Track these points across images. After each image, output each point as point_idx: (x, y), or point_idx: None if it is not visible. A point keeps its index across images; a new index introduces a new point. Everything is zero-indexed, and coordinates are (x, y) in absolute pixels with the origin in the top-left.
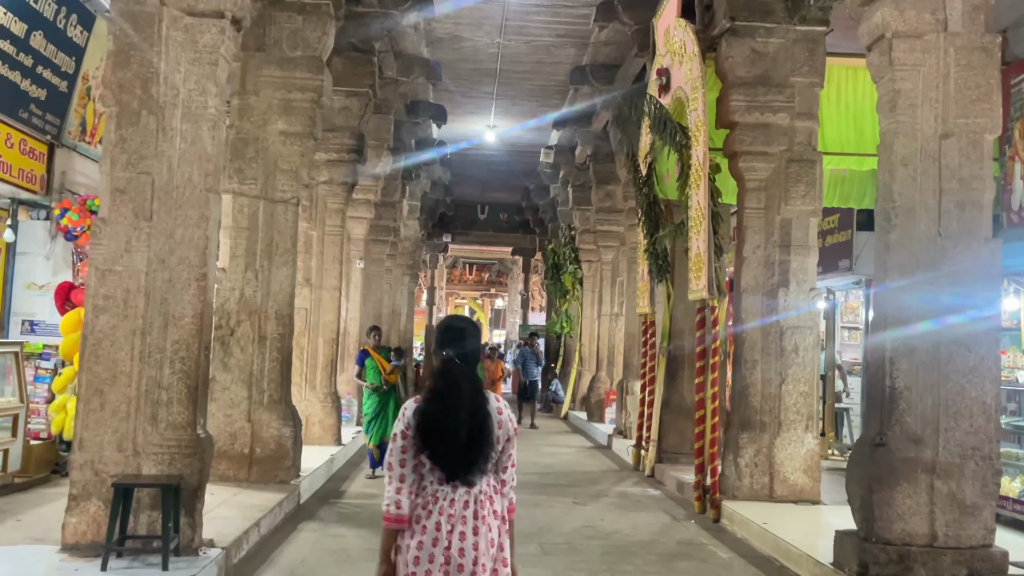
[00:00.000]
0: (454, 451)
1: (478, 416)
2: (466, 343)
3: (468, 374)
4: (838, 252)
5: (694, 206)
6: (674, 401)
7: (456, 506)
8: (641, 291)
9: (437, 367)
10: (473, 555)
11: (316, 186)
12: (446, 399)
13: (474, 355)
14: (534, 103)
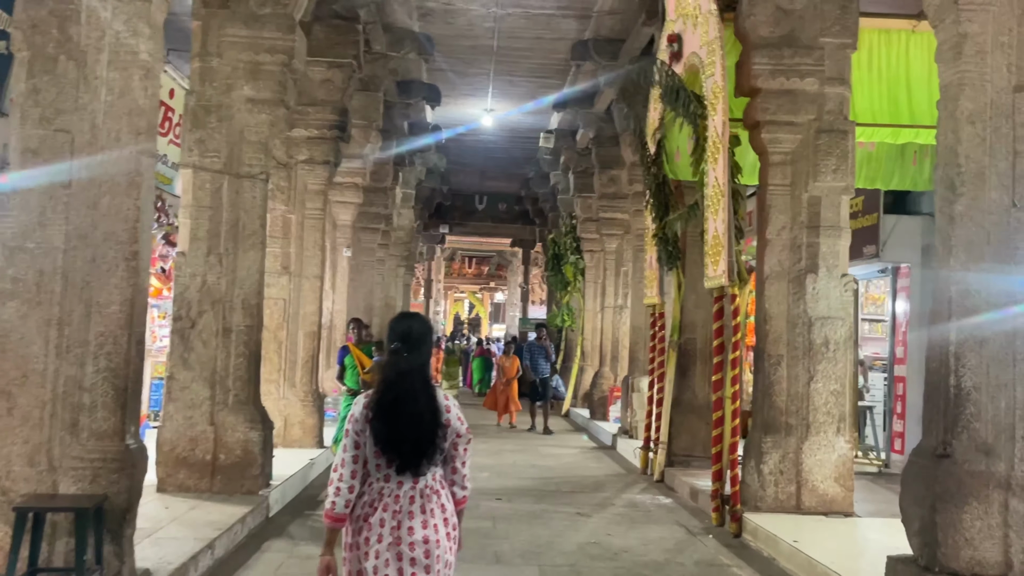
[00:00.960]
0: (406, 440)
1: (429, 405)
2: (413, 336)
3: (417, 366)
4: (863, 237)
5: (711, 183)
6: (686, 399)
7: (402, 501)
8: (649, 280)
9: (386, 360)
10: (424, 548)
11: (295, 165)
12: (397, 389)
13: (421, 348)
14: (533, 84)
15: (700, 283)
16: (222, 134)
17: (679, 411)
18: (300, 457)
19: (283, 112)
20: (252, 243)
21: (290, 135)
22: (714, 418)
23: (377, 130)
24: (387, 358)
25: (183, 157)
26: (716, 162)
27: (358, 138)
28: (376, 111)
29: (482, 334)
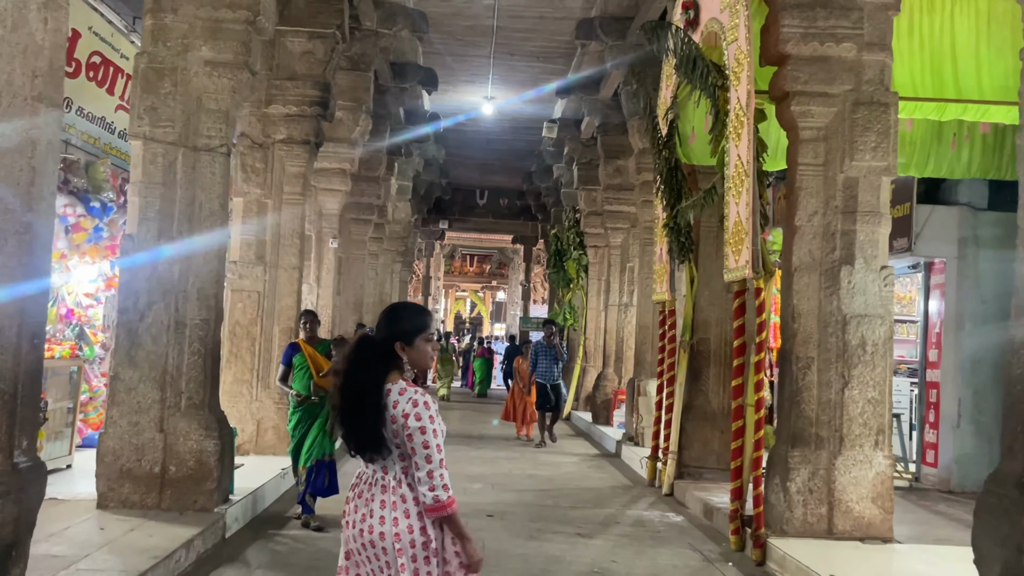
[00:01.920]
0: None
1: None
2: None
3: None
4: (893, 229)
5: (732, 163)
6: (698, 405)
7: (360, 486)
8: (659, 274)
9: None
10: (380, 530)
11: (272, 145)
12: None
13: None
14: (536, 69)
15: (715, 278)
16: (177, 101)
17: (690, 418)
18: (272, 465)
19: (247, 77)
20: (210, 225)
21: (266, 112)
22: (733, 428)
23: (367, 113)
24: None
25: (132, 127)
26: (739, 138)
27: (346, 121)
28: (366, 92)
29: (484, 333)
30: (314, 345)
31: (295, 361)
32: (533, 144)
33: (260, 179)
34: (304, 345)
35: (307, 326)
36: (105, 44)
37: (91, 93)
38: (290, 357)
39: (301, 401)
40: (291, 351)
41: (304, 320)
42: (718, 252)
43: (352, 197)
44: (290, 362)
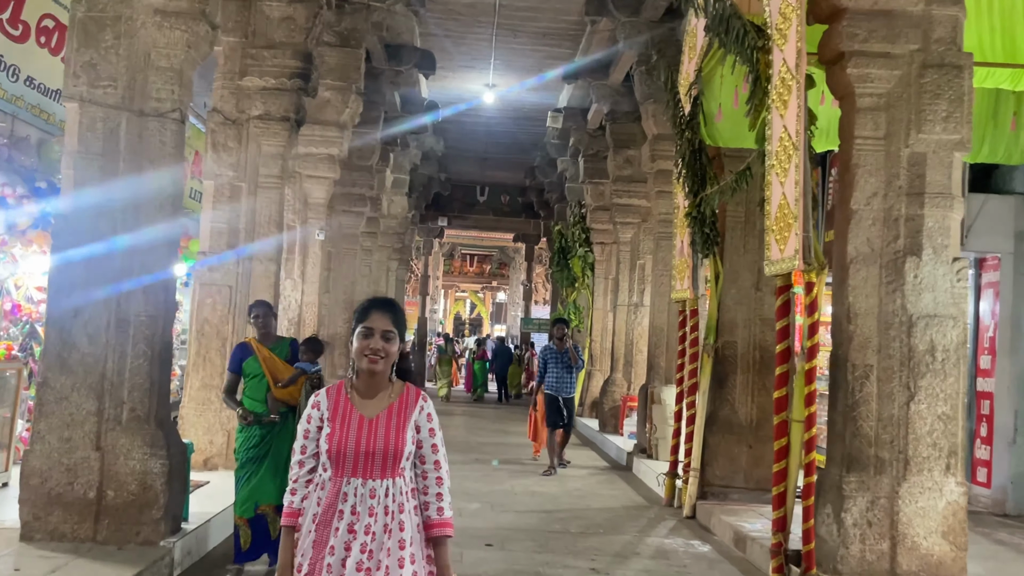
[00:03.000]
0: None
1: None
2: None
3: None
4: None
5: (776, 136)
6: (723, 416)
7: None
8: (679, 270)
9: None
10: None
11: (247, 122)
12: None
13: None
14: (540, 54)
15: (742, 273)
16: (120, 56)
17: (715, 431)
18: None
19: (205, 31)
20: (159, 205)
21: (240, 84)
22: (775, 447)
23: (357, 94)
24: None
25: (66, 86)
26: (785, 106)
27: (334, 102)
28: (356, 71)
29: (483, 334)
30: (270, 345)
31: (246, 367)
32: (536, 136)
33: (233, 159)
34: (257, 346)
35: (258, 320)
36: (58, 6)
37: (43, 61)
38: (239, 362)
39: (253, 421)
40: (240, 354)
41: (255, 313)
42: (746, 245)
43: (342, 187)
44: (239, 368)
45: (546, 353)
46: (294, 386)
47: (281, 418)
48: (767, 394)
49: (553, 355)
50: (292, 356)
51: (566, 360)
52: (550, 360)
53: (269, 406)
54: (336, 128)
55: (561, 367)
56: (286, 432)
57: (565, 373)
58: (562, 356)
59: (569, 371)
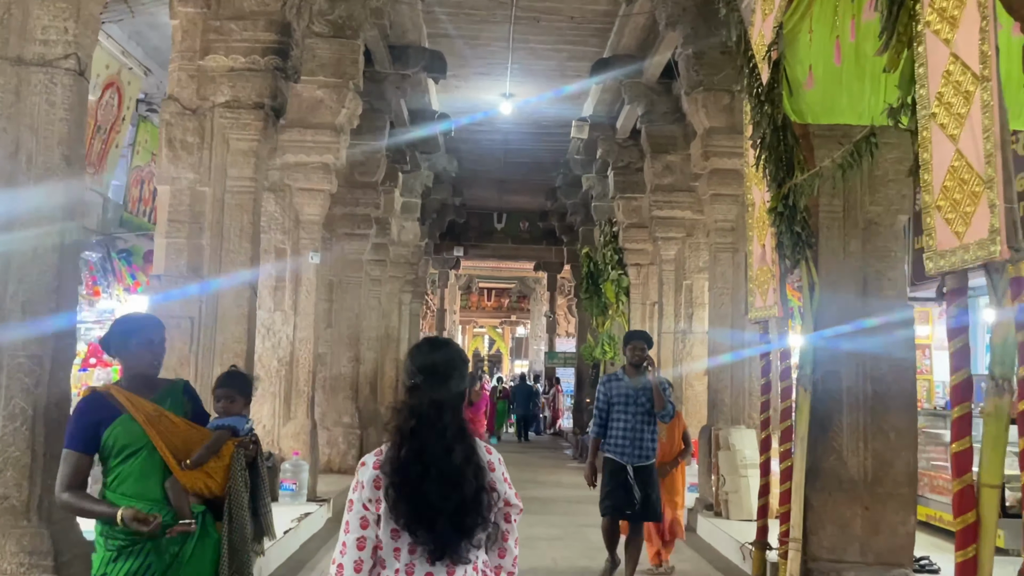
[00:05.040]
0: (442, 512)
1: (469, 460)
2: (440, 367)
3: (451, 409)
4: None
5: (934, 71)
6: (828, 469)
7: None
8: (759, 282)
9: (407, 400)
10: None
11: (211, 111)
12: (422, 438)
13: (449, 382)
14: (563, 55)
15: (844, 282)
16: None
17: (819, 488)
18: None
19: None
20: (49, 193)
21: (203, 65)
22: (958, 525)
23: (355, 92)
24: (408, 399)
25: None
26: (954, 25)
27: (328, 102)
28: (353, 65)
29: (503, 371)
30: (152, 395)
31: (110, 440)
32: (558, 154)
33: (194, 158)
34: (127, 398)
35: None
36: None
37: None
38: (92, 433)
39: (151, 532)
40: (93, 415)
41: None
42: (846, 246)
43: (344, 206)
44: (96, 445)
45: (611, 388)
46: (216, 459)
47: (200, 514)
48: (884, 439)
49: (623, 393)
50: (196, 409)
51: (645, 402)
52: (618, 401)
53: (173, 503)
54: (331, 132)
55: (637, 415)
56: (204, 551)
57: (642, 424)
58: (638, 395)
59: (649, 422)
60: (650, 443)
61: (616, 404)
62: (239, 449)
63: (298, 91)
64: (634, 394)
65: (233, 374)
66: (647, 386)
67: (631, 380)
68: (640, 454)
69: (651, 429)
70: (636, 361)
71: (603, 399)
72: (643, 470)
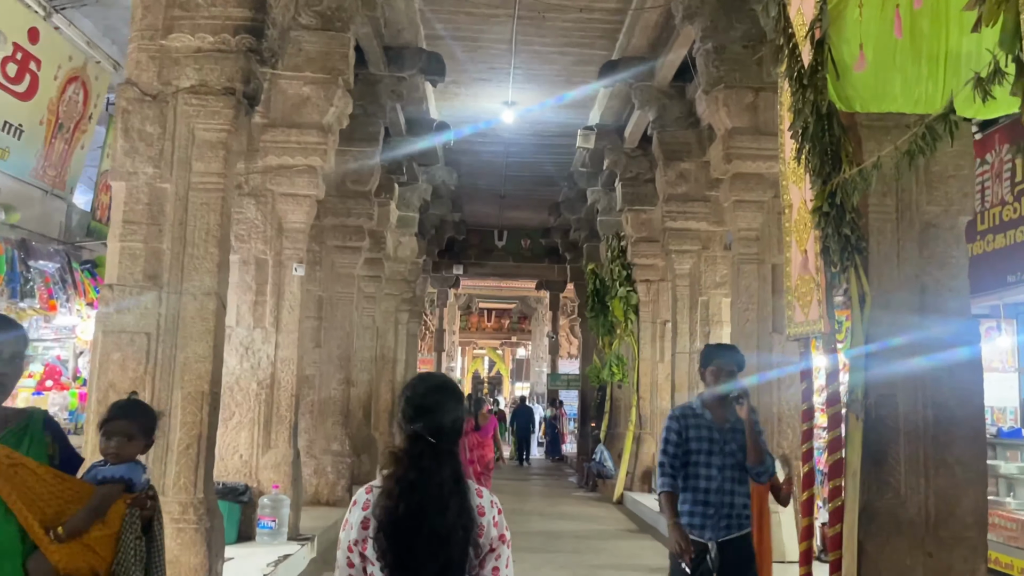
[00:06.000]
0: (427, 568)
1: (461, 515)
2: (444, 412)
3: (447, 456)
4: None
5: None
6: (884, 509)
7: None
8: (799, 293)
9: (403, 446)
10: None
11: (173, 97)
12: (421, 493)
13: (452, 427)
14: (569, 57)
15: (898, 292)
16: None
17: (874, 531)
18: None
19: None
20: None
21: (165, 45)
22: None
23: (345, 89)
24: (404, 445)
25: None
26: None
27: (315, 99)
28: (343, 60)
29: (504, 394)
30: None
31: None
32: (562, 167)
33: (154, 151)
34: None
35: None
36: None
37: None
38: None
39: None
40: None
41: None
42: (900, 252)
43: (335, 217)
44: None
45: (687, 425)
46: (101, 526)
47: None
48: (948, 473)
49: (704, 437)
50: (65, 452)
51: (736, 451)
52: (697, 447)
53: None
54: (318, 132)
55: (725, 468)
56: None
57: (731, 483)
58: (725, 440)
59: (741, 479)
60: (742, 507)
61: (694, 451)
62: (133, 511)
63: (282, 87)
64: (720, 438)
65: (131, 404)
66: (738, 428)
67: (713, 417)
68: (728, 523)
69: (743, 489)
70: (723, 392)
71: (675, 439)
72: (733, 546)
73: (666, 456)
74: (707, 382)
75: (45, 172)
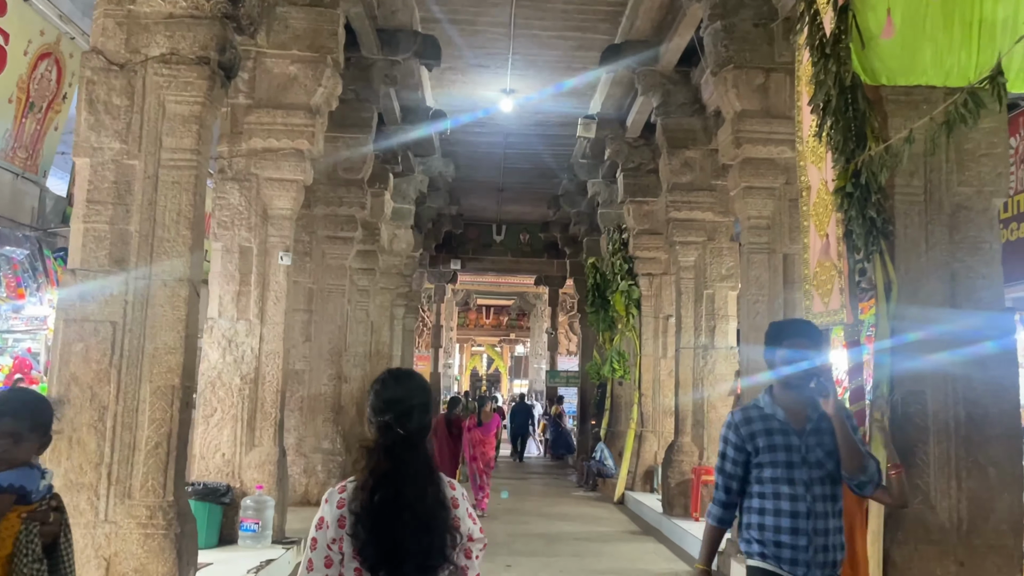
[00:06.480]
0: (410, 556)
1: (437, 502)
2: (413, 404)
3: (417, 448)
4: None
5: None
6: (911, 514)
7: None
8: (818, 281)
9: (379, 440)
10: None
11: (141, 67)
12: (396, 482)
13: (422, 419)
14: (570, 42)
15: (927, 281)
16: None
17: (901, 538)
18: None
19: None
20: None
21: (133, 11)
22: None
23: (334, 68)
24: (377, 437)
25: None
26: None
27: (302, 79)
28: (332, 37)
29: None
30: None
31: None
32: (562, 158)
33: (120, 124)
34: None
35: None
36: None
37: None
38: None
39: None
40: None
41: None
42: (929, 237)
43: (326, 206)
44: None
45: (754, 431)
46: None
47: None
48: (981, 476)
49: (778, 443)
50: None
51: (823, 458)
52: (770, 459)
53: None
54: (305, 113)
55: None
56: None
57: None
58: (808, 444)
59: (833, 495)
60: (836, 533)
61: (766, 463)
62: (30, 525)
63: (267, 66)
64: (800, 444)
65: (15, 396)
66: (823, 428)
67: (789, 418)
68: (824, 558)
69: (837, 509)
70: (797, 380)
71: (733, 455)
72: None
73: (721, 475)
74: (779, 372)
75: (15, 154)
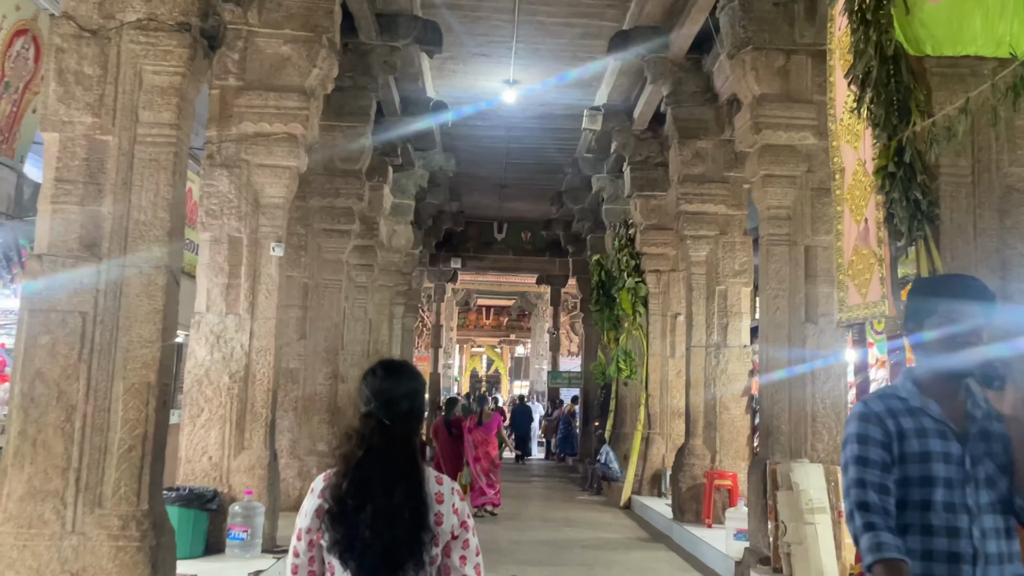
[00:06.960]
0: (371, 548)
1: (411, 496)
2: (400, 395)
3: (399, 439)
4: None
5: None
6: None
7: None
8: (855, 271)
9: (358, 428)
10: None
11: (116, 35)
12: (369, 475)
13: (409, 412)
14: (576, 30)
15: (975, 269)
16: None
17: None
18: None
19: None
20: None
21: None
22: None
23: (330, 49)
24: (357, 426)
25: None
26: None
27: (296, 59)
28: (327, 16)
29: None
30: None
31: None
32: (566, 152)
33: (93, 96)
34: None
35: None
36: None
37: None
38: None
39: None
40: None
41: None
42: (977, 221)
43: (323, 198)
44: None
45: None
46: None
47: None
48: None
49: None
50: None
51: (994, 473)
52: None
53: None
54: (299, 96)
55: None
56: None
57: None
58: (975, 449)
59: (1009, 508)
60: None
61: (915, 480)
62: None
63: (259, 46)
64: (962, 452)
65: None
66: (992, 430)
67: (946, 412)
68: None
69: (1013, 548)
70: (964, 368)
71: (882, 455)
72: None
73: (870, 489)
74: (928, 349)
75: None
